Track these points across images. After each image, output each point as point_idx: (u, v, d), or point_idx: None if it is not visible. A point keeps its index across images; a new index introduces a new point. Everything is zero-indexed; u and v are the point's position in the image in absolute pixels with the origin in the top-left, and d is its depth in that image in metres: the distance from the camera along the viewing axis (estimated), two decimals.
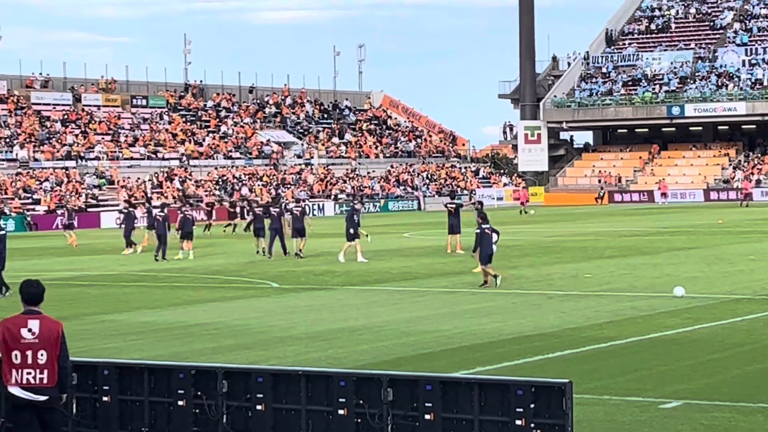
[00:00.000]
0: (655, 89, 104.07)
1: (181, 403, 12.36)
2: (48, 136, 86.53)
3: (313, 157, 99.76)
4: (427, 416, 11.39)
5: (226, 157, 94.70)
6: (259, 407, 12.08)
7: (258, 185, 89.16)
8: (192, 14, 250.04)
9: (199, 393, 12.31)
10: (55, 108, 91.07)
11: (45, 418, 11.04)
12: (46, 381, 10.94)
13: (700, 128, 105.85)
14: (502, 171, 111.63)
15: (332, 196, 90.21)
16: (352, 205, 42.76)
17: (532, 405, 10.99)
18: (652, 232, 53.60)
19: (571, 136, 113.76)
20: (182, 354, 19.27)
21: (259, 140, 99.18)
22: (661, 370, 17.32)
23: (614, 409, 14.69)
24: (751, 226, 55.68)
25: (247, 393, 12.16)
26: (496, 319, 23.28)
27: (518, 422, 11.05)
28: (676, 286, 26.92)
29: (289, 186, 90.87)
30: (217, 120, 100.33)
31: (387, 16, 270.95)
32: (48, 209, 74.96)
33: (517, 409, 11.04)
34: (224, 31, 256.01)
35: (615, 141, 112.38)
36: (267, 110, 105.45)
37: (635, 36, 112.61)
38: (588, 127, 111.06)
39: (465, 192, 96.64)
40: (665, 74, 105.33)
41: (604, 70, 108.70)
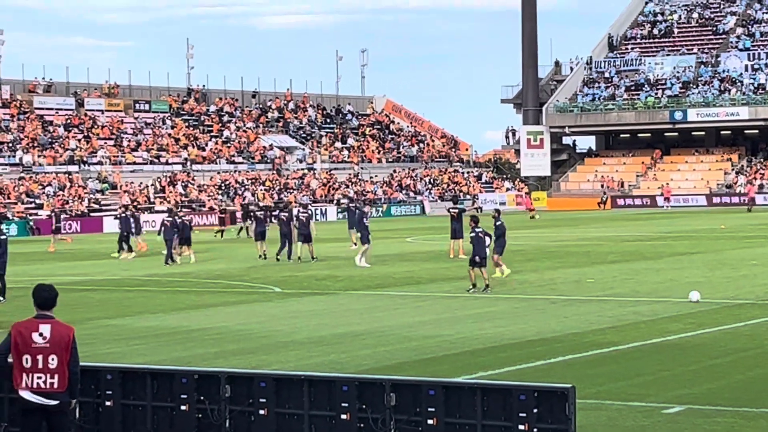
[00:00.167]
0: (657, 94, 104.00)
1: (184, 407, 12.36)
2: (51, 140, 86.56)
3: (315, 162, 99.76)
4: (430, 421, 11.40)
5: (229, 161, 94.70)
6: (261, 412, 12.08)
7: (261, 190, 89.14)
8: (195, 19, 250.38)
9: (202, 398, 12.31)
10: (57, 113, 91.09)
11: (54, 423, 11.03)
12: (56, 386, 10.93)
13: (702, 133, 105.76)
14: (505, 176, 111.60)
15: (335, 201, 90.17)
16: (361, 208, 42.82)
17: (535, 410, 11.00)
18: (654, 237, 53.57)
19: (574, 141, 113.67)
20: (185, 359, 19.27)
21: (261, 145, 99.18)
22: (663, 375, 17.31)
23: (617, 414, 14.69)
24: (754, 231, 55.65)
25: (249, 398, 12.17)
26: (498, 324, 23.28)
27: (521, 427, 11.05)
28: (692, 290, 26.87)
29: (291, 191, 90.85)
30: (220, 125, 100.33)
31: (390, 20, 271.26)
32: (51, 213, 74.96)
33: (520, 414, 11.04)
34: (227, 35, 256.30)
35: (618, 146, 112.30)
36: (270, 115, 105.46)
37: (638, 41, 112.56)
38: (590, 132, 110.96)
39: (468, 197, 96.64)
40: (668, 79, 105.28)
41: (607, 75, 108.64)
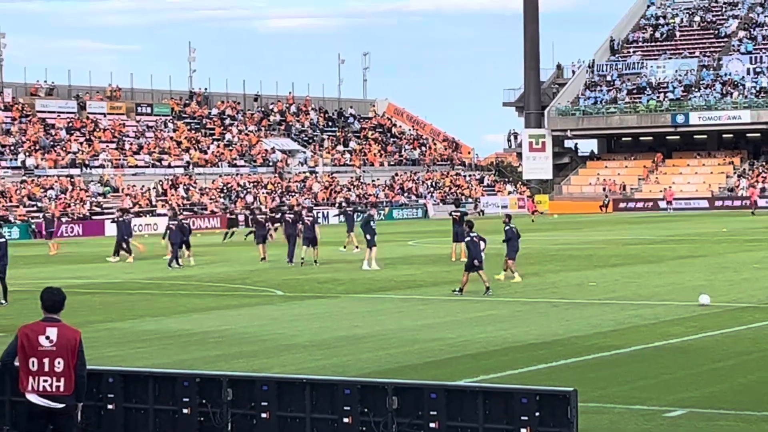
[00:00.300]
0: (659, 97, 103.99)
1: (186, 411, 12.37)
2: (53, 143, 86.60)
3: (317, 165, 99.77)
4: (432, 424, 11.40)
5: (231, 164, 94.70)
6: (264, 415, 12.09)
7: (262, 193, 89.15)
8: (197, 22, 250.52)
9: (204, 401, 12.32)
10: (59, 116, 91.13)
11: (60, 426, 11.01)
12: (63, 389, 10.92)
13: (704, 136, 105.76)
14: (507, 179, 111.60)
15: (337, 204, 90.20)
16: (368, 212, 42.91)
17: (537, 413, 11.00)
18: (656, 240, 53.56)
19: (576, 144, 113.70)
20: (187, 362, 19.27)
21: (263, 148, 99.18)
22: (665, 379, 17.31)
23: (619, 418, 14.69)
24: (756, 235, 55.63)
25: (251, 401, 12.17)
26: (500, 328, 23.28)
27: (523, 430, 11.07)
28: (702, 293, 26.83)
29: (293, 194, 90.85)
30: (222, 128, 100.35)
31: (392, 24, 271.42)
32: (53, 217, 74.93)
33: (522, 418, 11.05)
34: (229, 38, 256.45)
35: (619, 149, 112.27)
36: (272, 118, 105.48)
37: (640, 44, 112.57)
38: (592, 135, 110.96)
39: (470, 200, 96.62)
40: (670, 82, 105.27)
41: (609, 78, 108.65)
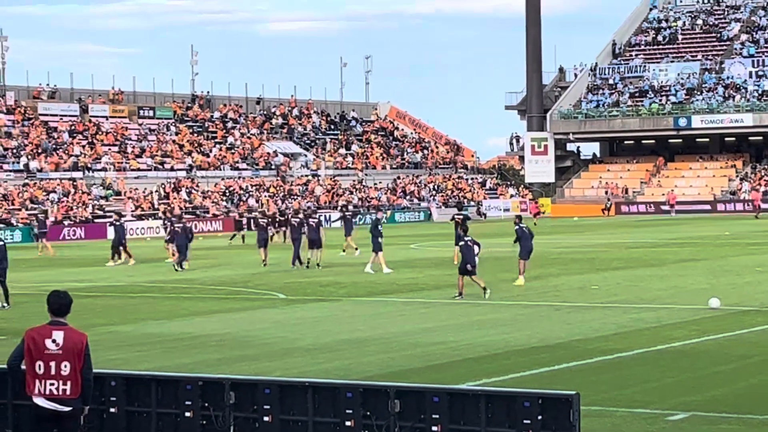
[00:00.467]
0: (661, 101, 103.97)
1: (188, 414, 12.36)
2: (55, 146, 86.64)
3: (319, 168, 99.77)
4: (435, 428, 11.39)
5: (233, 168, 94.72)
6: (266, 418, 12.08)
7: (265, 196, 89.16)
8: (199, 25, 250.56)
9: (207, 404, 12.31)
10: (62, 119, 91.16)
11: (66, 429, 11.01)
12: (69, 392, 10.92)
13: (706, 140, 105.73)
14: (509, 182, 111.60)
15: (338, 207, 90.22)
16: (375, 216, 42.98)
17: (540, 417, 10.99)
18: (659, 243, 53.54)
19: (578, 147, 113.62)
20: (189, 365, 19.27)
21: (265, 151, 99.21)
22: (668, 382, 17.31)
23: (621, 421, 14.68)
24: (758, 238, 55.61)
25: (254, 404, 12.17)
26: (503, 331, 23.27)
27: None
28: (712, 297, 26.78)
29: (296, 197, 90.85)
30: (224, 131, 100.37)
31: (394, 27, 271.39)
32: (55, 220, 75.00)
33: (524, 421, 11.03)
34: (231, 42, 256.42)
35: (622, 152, 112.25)
36: (274, 121, 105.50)
37: (642, 47, 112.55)
38: (595, 139, 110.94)
39: (472, 203, 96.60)
40: (672, 86, 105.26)
41: (611, 81, 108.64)
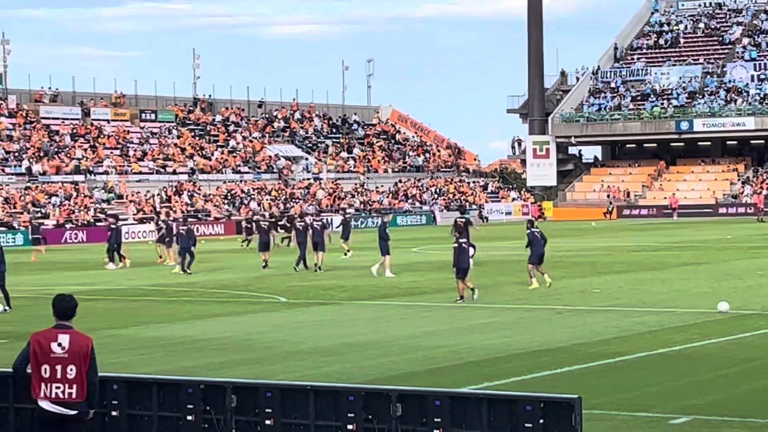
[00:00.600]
0: (663, 104, 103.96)
1: (190, 417, 12.36)
2: (57, 150, 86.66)
3: (321, 172, 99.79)
4: (436, 431, 11.38)
5: (235, 171, 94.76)
6: (268, 422, 12.08)
7: (266, 200, 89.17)
8: (201, 29, 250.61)
9: (208, 408, 12.31)
10: (64, 122, 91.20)
11: None
12: (75, 396, 10.92)
13: (708, 143, 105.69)
14: (511, 186, 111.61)
15: (340, 211, 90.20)
16: (382, 219, 43.11)
17: (541, 420, 10.98)
18: (661, 247, 53.52)
19: (580, 150, 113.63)
20: (191, 369, 19.27)
21: (267, 154, 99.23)
22: (670, 386, 17.30)
23: (623, 425, 14.67)
24: (760, 242, 55.59)
25: (256, 408, 12.16)
26: (504, 334, 23.27)
27: None
28: (721, 301, 26.76)
29: (298, 200, 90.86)
30: (226, 134, 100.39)
31: (396, 30, 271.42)
32: (57, 223, 75.05)
33: (526, 425, 11.02)
34: (233, 45, 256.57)
35: (623, 156, 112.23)
36: (276, 125, 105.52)
37: (644, 51, 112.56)
38: (596, 142, 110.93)
39: (474, 207, 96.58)
40: (674, 89, 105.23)
41: (613, 84, 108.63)
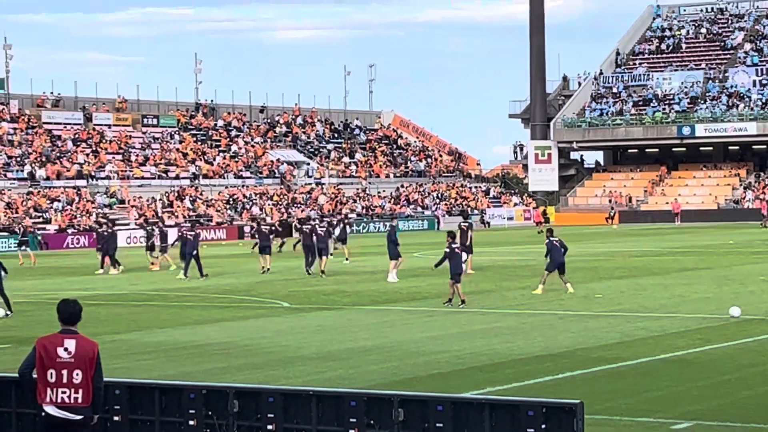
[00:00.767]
0: (665, 109, 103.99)
1: (192, 422, 12.36)
2: (59, 155, 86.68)
3: (323, 177, 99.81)
4: None
5: (237, 176, 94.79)
6: (270, 427, 12.07)
7: (268, 204, 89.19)
8: (203, 34, 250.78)
9: (210, 413, 12.30)
10: (66, 127, 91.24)
11: None
12: (80, 401, 10.93)
13: (710, 148, 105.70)
14: (513, 191, 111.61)
15: (343, 216, 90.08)
16: (391, 223, 43.24)
17: (543, 426, 10.97)
18: (662, 252, 53.50)
19: (582, 155, 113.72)
20: (193, 374, 19.26)
21: (269, 159, 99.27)
22: (672, 391, 17.29)
23: (625, 430, 14.66)
24: (762, 247, 55.56)
25: (258, 413, 12.16)
26: (506, 340, 23.26)
27: None
28: (733, 306, 26.74)
29: (299, 205, 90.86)
30: (228, 139, 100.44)
31: (398, 36, 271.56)
32: (59, 228, 75.08)
33: (528, 430, 11.01)
34: (235, 50, 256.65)
35: (625, 161, 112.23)
36: (277, 129, 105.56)
37: (646, 56, 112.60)
38: (598, 147, 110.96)
39: (476, 212, 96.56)
40: (676, 94, 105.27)
41: (615, 90, 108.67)
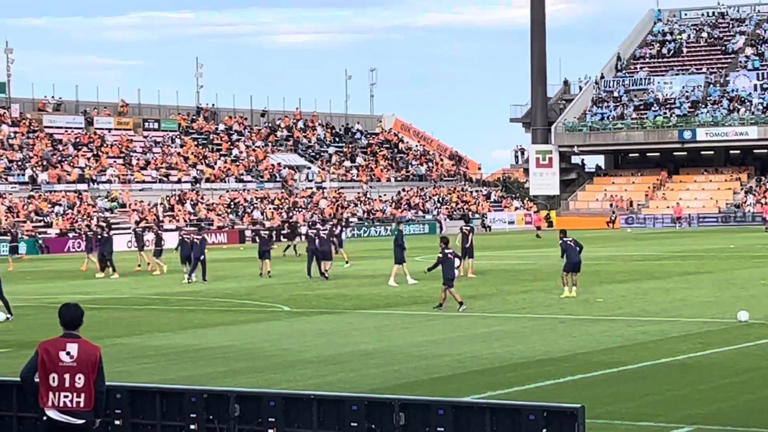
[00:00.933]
0: (666, 113, 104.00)
1: (193, 426, 12.35)
2: (60, 159, 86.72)
3: (324, 181, 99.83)
4: None
5: (238, 180, 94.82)
6: (271, 431, 12.07)
7: (269, 209, 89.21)
8: (204, 38, 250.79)
9: (211, 417, 12.30)
10: (67, 131, 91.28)
11: None
12: (83, 405, 10.94)
13: (711, 152, 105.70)
14: (514, 195, 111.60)
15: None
16: (397, 227, 43.25)
17: (544, 430, 10.96)
18: (663, 256, 53.50)
19: (583, 160, 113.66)
20: (194, 377, 19.27)
21: (270, 163, 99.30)
22: (672, 395, 17.29)
23: None
24: (763, 251, 55.55)
25: (258, 417, 12.15)
26: (507, 344, 23.26)
27: None
28: (741, 310, 26.72)
29: (300, 209, 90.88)
30: (229, 143, 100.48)
31: (399, 40, 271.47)
32: (60, 232, 75.11)
33: None
34: (236, 54, 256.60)
35: (626, 165, 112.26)
36: (279, 134, 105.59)
37: (647, 60, 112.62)
38: (599, 151, 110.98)
39: (477, 216, 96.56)
40: (677, 98, 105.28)
41: (616, 94, 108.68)
